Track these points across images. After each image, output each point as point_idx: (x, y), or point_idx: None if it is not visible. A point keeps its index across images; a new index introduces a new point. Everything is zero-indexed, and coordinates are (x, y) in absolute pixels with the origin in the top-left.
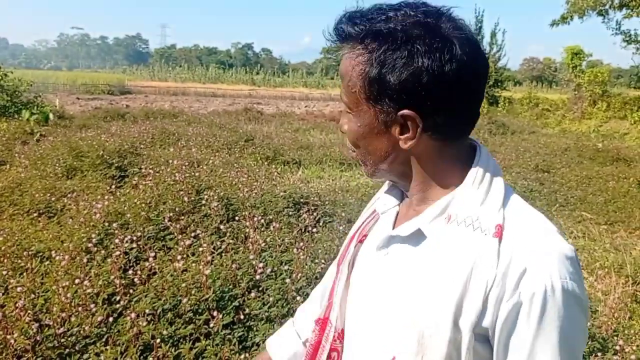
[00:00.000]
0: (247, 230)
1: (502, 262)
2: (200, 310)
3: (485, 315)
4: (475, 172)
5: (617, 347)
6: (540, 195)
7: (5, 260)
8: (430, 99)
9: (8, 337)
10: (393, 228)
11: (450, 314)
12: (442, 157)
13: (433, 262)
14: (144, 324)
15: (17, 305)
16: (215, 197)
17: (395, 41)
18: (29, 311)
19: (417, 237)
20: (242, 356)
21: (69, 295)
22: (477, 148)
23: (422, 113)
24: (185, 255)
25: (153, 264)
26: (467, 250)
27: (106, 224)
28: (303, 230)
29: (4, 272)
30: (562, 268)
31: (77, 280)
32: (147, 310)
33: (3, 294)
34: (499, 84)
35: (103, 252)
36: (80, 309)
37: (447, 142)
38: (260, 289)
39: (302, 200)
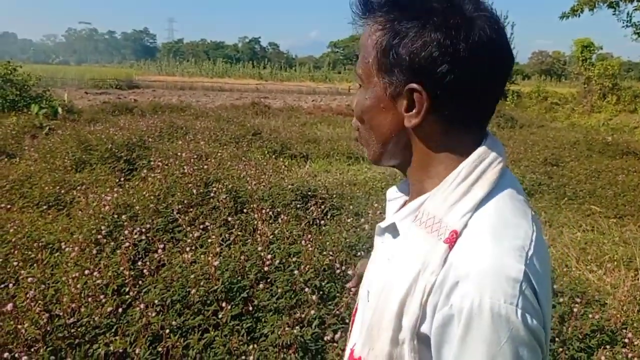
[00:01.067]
0: (255, 222)
1: (444, 269)
2: (209, 302)
3: (424, 321)
4: (459, 170)
5: (626, 340)
6: (548, 189)
7: (16, 252)
8: (439, 75)
9: (19, 327)
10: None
11: (394, 312)
12: (443, 145)
13: (396, 258)
14: (153, 314)
15: (27, 295)
16: (224, 190)
17: (413, 12)
18: (39, 302)
19: (394, 230)
20: (251, 347)
21: (78, 286)
22: (483, 140)
23: (430, 91)
24: (194, 247)
25: (162, 256)
26: (420, 252)
27: (115, 216)
28: (311, 223)
29: (15, 264)
30: (498, 289)
31: (86, 272)
32: (156, 301)
33: (14, 285)
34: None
35: (112, 243)
36: (90, 299)
37: (450, 130)
38: (269, 280)
39: (309, 193)
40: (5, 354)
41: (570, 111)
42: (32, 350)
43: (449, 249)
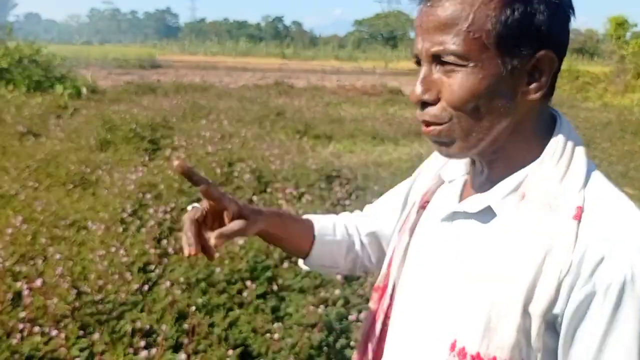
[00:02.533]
0: (280, 202)
1: (579, 247)
2: (233, 280)
3: (557, 303)
4: (555, 144)
5: None
6: None
7: (44, 230)
8: (560, 39)
9: (48, 302)
10: (459, 200)
11: (521, 298)
12: (540, 118)
13: (504, 242)
14: (179, 292)
15: (56, 272)
16: (248, 170)
17: None
18: (67, 278)
19: (485, 214)
20: (275, 325)
21: (105, 263)
22: (557, 117)
23: (558, 57)
24: None
25: None
26: (542, 231)
27: (140, 195)
28: (335, 203)
29: (43, 241)
30: None
31: (112, 249)
32: (181, 279)
33: (43, 262)
34: None
35: (137, 222)
36: (116, 277)
37: (546, 101)
38: (293, 260)
39: (333, 173)
40: (36, 328)
41: (603, 91)
42: (61, 325)
43: (578, 225)
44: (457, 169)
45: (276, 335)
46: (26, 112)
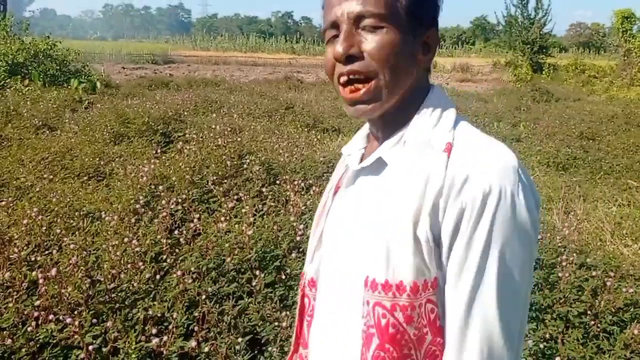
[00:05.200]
0: (288, 193)
1: (449, 173)
2: (243, 270)
3: (436, 223)
4: (430, 102)
5: None
6: (584, 163)
7: (59, 220)
8: (437, 20)
9: (63, 291)
10: None
11: (410, 225)
12: (422, 87)
13: (394, 183)
14: (190, 281)
15: (70, 261)
16: (257, 162)
17: None
18: (81, 267)
19: (379, 165)
20: (283, 314)
21: (118, 253)
22: (432, 86)
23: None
24: (228, 217)
25: (198, 225)
26: (420, 167)
27: (152, 186)
28: None
29: (58, 231)
30: (503, 176)
31: (125, 240)
32: (192, 269)
33: (58, 251)
34: (544, 50)
35: (150, 213)
36: (129, 266)
37: (427, 74)
38: (301, 250)
39: None
40: (50, 316)
41: (609, 84)
42: (75, 313)
43: (448, 157)
44: (356, 144)
45: (284, 324)
46: (42, 106)
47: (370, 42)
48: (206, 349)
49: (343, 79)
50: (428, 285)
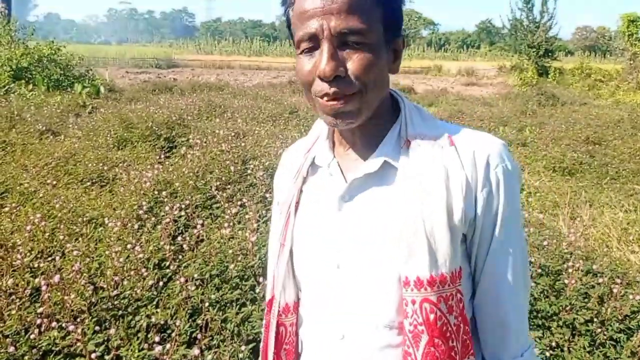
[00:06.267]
0: None
1: (465, 163)
2: (246, 277)
3: (470, 211)
4: (406, 104)
5: None
6: (590, 168)
7: (62, 226)
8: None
9: (65, 297)
10: (344, 177)
11: (444, 218)
12: (387, 87)
13: (414, 183)
14: (193, 288)
15: (73, 268)
16: (261, 167)
17: None
18: (84, 274)
19: (384, 169)
20: None
21: (121, 260)
22: (393, 90)
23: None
24: (231, 223)
25: (201, 231)
26: (437, 164)
27: (156, 192)
28: None
29: (61, 237)
30: (507, 153)
31: (128, 246)
32: (195, 276)
33: (60, 258)
34: (550, 53)
35: (153, 219)
36: (132, 273)
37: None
38: None
39: None
40: (53, 323)
41: (615, 88)
42: (78, 320)
43: (456, 149)
44: (326, 154)
45: None
46: (45, 110)
47: (355, 62)
48: (209, 357)
49: (326, 97)
50: (459, 275)
